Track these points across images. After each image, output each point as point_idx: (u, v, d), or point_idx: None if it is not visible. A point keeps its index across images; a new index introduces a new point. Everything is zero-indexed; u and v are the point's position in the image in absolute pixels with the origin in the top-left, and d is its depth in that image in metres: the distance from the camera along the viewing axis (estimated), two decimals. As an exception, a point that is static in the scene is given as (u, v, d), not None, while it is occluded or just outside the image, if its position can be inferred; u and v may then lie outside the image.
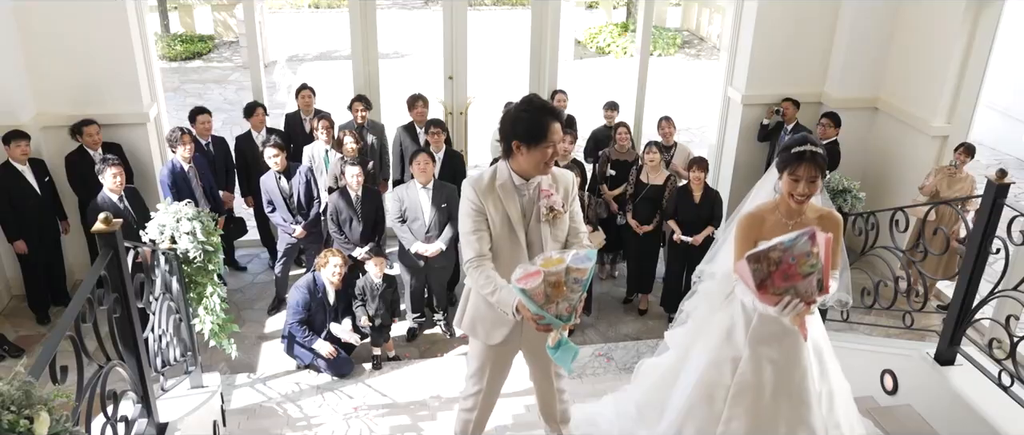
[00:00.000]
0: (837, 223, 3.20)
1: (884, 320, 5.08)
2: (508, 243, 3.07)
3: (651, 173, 6.54)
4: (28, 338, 6.30)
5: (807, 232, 2.79)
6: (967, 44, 6.58)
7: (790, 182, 3.07)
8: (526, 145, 2.91)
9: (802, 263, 2.80)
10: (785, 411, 3.23)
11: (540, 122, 2.87)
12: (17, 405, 2.02)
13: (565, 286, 2.68)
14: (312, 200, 6.47)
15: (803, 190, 3.04)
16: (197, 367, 4.36)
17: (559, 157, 3.20)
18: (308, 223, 6.43)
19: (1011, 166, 10.17)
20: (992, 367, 3.94)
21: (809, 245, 2.78)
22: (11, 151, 5.98)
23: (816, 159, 3.03)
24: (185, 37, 17.07)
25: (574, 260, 2.67)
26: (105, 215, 2.90)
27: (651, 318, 6.90)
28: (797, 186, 3.05)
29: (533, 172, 2.99)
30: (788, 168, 3.07)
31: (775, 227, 3.15)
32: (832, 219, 3.20)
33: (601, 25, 18.94)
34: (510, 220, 3.04)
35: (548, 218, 3.06)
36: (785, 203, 3.14)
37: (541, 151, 2.90)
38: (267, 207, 6.45)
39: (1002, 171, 3.73)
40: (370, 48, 7.42)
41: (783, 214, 3.17)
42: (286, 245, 6.57)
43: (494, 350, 3.32)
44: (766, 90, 7.45)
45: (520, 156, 2.95)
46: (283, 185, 6.34)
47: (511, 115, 2.95)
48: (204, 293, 4.52)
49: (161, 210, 4.40)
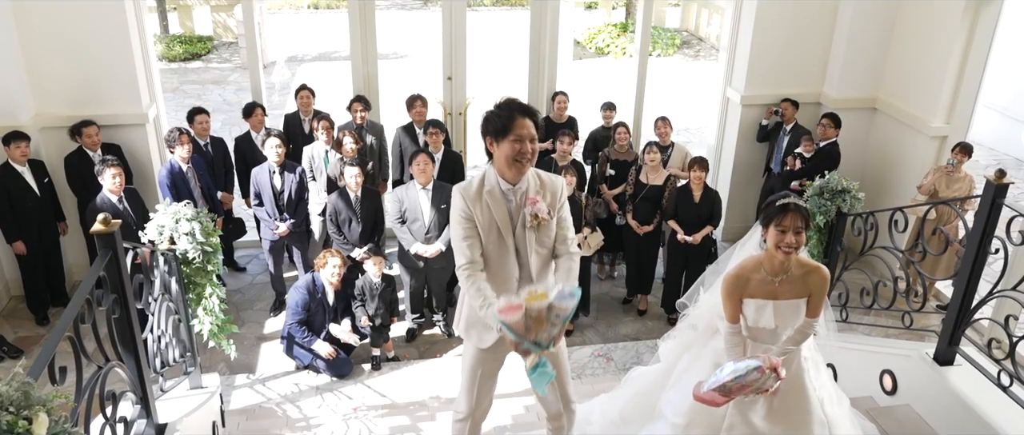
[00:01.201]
0: (824, 279, 3.19)
1: (883, 320, 5.09)
2: (497, 249, 3.09)
3: (651, 173, 6.54)
4: (27, 339, 6.30)
5: (756, 366, 2.97)
6: (966, 44, 6.58)
7: (777, 234, 3.06)
8: (496, 141, 2.96)
9: (756, 382, 3.02)
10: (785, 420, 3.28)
11: (508, 116, 2.91)
12: (16, 406, 2.01)
13: (546, 321, 2.72)
14: (302, 200, 6.47)
15: (790, 241, 3.04)
16: (196, 368, 4.36)
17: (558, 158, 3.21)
18: (294, 222, 6.42)
19: (1010, 166, 10.19)
20: (991, 367, 3.94)
21: (759, 374, 2.99)
22: (10, 152, 5.98)
23: (800, 210, 3.04)
24: (184, 38, 17.08)
25: (557, 298, 2.70)
26: (104, 216, 2.89)
27: (650, 318, 6.91)
28: (784, 237, 3.04)
29: (506, 170, 2.99)
30: (774, 220, 3.06)
31: (760, 285, 3.15)
32: (819, 274, 3.19)
33: (600, 25, 18.96)
34: (498, 226, 3.05)
35: (533, 225, 3.06)
36: (770, 260, 3.14)
37: (508, 145, 2.92)
38: (254, 200, 6.44)
39: (1001, 171, 3.74)
40: (369, 49, 7.42)
41: (768, 271, 3.15)
42: (269, 242, 6.55)
43: (483, 355, 3.33)
44: (765, 90, 7.46)
45: (495, 154, 3.00)
46: (275, 181, 6.34)
47: (485, 114, 3.01)
48: (203, 294, 4.52)
49: (160, 211, 4.40)
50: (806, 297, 3.17)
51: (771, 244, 3.09)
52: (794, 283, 3.15)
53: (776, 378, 2.98)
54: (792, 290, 3.15)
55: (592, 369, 6.01)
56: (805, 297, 3.17)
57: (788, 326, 3.20)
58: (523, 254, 3.10)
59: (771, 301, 3.15)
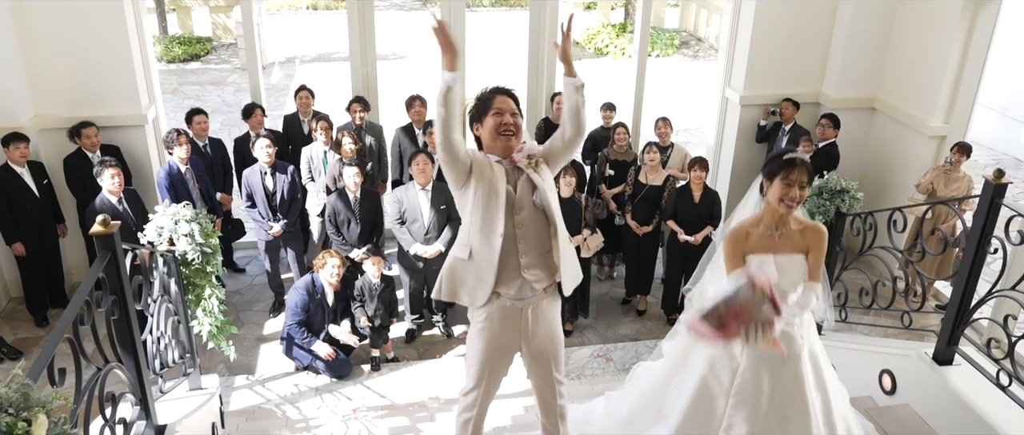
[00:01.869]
0: (821, 235, 3.24)
1: (882, 320, 5.09)
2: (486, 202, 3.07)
3: (650, 174, 6.54)
4: (26, 340, 6.29)
5: (745, 283, 2.90)
6: (965, 44, 6.59)
7: (782, 187, 3.11)
8: (479, 121, 3.10)
9: (750, 304, 2.90)
10: (783, 420, 3.26)
11: (487, 97, 3.09)
12: (15, 408, 2.01)
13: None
14: (295, 200, 6.47)
15: (794, 194, 3.09)
16: (195, 369, 4.35)
17: None
18: (287, 222, 6.42)
19: (1008, 165, 10.21)
20: (990, 367, 3.94)
21: (751, 291, 2.89)
22: (10, 153, 5.98)
23: (806, 165, 3.10)
24: (183, 39, 17.06)
25: None
26: (103, 217, 2.89)
27: (649, 319, 6.91)
28: (789, 191, 3.09)
29: (495, 146, 3.08)
30: (781, 173, 3.11)
31: (761, 240, 3.20)
32: (816, 231, 3.24)
33: (599, 26, 18.97)
34: (494, 183, 3.06)
35: (531, 165, 3.12)
36: (770, 214, 3.19)
37: (491, 119, 3.06)
38: (245, 201, 6.44)
39: (999, 171, 3.74)
40: (368, 49, 7.42)
41: (768, 226, 3.21)
42: (265, 242, 6.55)
43: (493, 350, 3.32)
44: (764, 91, 7.46)
45: (482, 136, 3.10)
46: (267, 182, 6.33)
47: (467, 110, 3.12)
48: (202, 295, 4.52)
49: (159, 212, 4.40)
50: (805, 253, 3.23)
51: (774, 198, 3.14)
52: (793, 237, 3.21)
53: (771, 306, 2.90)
54: (791, 244, 3.21)
55: (591, 370, 6.01)
56: (804, 253, 3.23)
57: (790, 284, 3.23)
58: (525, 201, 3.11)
59: (772, 255, 3.20)
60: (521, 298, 3.18)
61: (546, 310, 3.32)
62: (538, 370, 3.46)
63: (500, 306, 3.19)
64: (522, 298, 3.18)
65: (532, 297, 3.20)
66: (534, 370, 3.49)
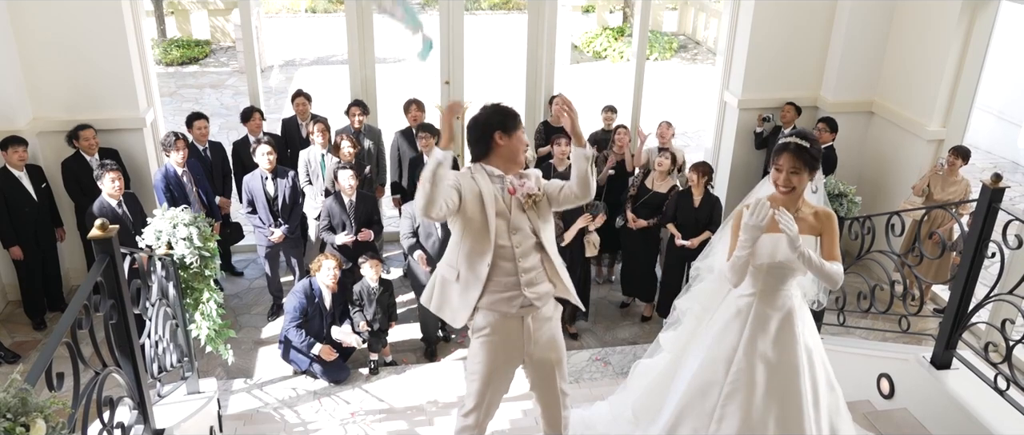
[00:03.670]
0: (832, 218, 3.28)
1: (880, 324, 5.10)
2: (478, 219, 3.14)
3: (657, 180, 6.54)
4: (24, 344, 6.28)
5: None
6: (962, 47, 6.60)
7: (774, 172, 3.19)
8: (507, 134, 3.17)
9: None
10: (776, 411, 3.26)
11: (516, 116, 3.22)
12: (13, 412, 2.01)
13: None
14: (296, 205, 6.46)
15: (784, 181, 3.14)
16: (193, 373, 4.35)
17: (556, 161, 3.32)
18: (288, 228, 6.41)
19: (1006, 169, 10.22)
20: (988, 371, 3.94)
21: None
22: (8, 157, 5.97)
23: (800, 152, 3.10)
24: (182, 42, 17.04)
25: None
26: (101, 221, 2.89)
27: (647, 322, 6.90)
28: (779, 176, 3.15)
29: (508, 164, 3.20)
30: (772, 159, 3.22)
31: (773, 220, 3.19)
32: (827, 214, 3.29)
33: (598, 29, 18.99)
34: (482, 198, 3.13)
35: (529, 205, 3.19)
36: (776, 199, 3.23)
37: (517, 141, 3.19)
38: (246, 207, 6.43)
39: (997, 175, 3.75)
40: (367, 53, 7.42)
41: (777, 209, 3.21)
42: (265, 247, 6.54)
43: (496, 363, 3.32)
44: (762, 94, 7.47)
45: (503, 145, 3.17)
46: (268, 187, 6.33)
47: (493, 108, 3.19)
48: (201, 299, 4.51)
49: (158, 215, 4.39)
50: (817, 236, 3.25)
51: (771, 182, 3.25)
52: (806, 220, 3.24)
53: None
54: (805, 227, 3.22)
55: (590, 373, 6.01)
56: (816, 236, 3.25)
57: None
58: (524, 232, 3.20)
59: (783, 234, 3.19)
60: (521, 307, 3.22)
61: (547, 317, 3.32)
62: (542, 380, 3.45)
63: (502, 315, 3.21)
64: (522, 307, 3.22)
65: (531, 307, 3.24)
66: (538, 381, 3.47)
